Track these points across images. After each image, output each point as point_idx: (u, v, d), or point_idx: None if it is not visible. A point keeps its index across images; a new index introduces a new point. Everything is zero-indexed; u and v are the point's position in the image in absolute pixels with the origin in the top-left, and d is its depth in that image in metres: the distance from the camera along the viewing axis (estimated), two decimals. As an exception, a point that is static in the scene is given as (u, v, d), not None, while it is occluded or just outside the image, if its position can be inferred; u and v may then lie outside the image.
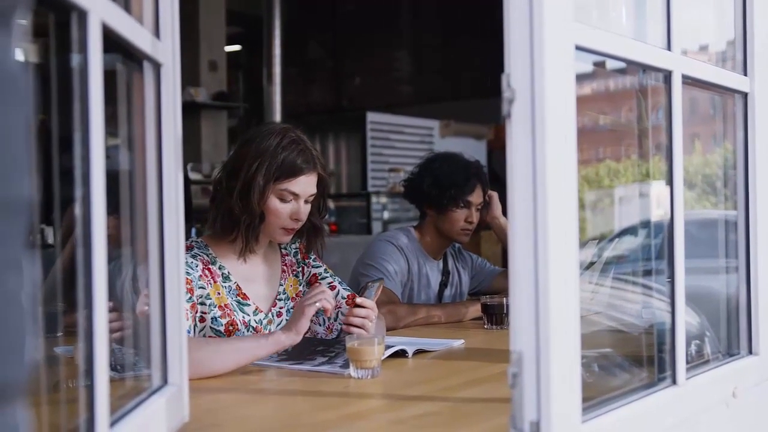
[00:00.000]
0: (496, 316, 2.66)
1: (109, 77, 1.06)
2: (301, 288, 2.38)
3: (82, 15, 0.99)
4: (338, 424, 1.53)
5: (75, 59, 1.00)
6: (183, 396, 1.41)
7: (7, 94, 0.53)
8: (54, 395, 1.19)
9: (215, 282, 2.19)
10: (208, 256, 2.22)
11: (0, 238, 0.53)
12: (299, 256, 2.41)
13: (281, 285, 2.34)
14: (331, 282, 2.38)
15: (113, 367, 1.23)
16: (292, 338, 1.97)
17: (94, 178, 1.00)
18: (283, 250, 2.39)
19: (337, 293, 2.34)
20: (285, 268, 2.37)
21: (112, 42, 1.10)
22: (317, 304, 2.00)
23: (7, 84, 0.53)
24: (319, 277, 2.39)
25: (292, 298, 2.35)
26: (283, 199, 2.19)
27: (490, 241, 6.93)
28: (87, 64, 0.99)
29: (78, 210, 1.01)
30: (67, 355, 1.48)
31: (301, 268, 2.40)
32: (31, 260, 0.57)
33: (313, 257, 2.42)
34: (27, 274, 0.56)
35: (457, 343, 2.36)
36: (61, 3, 0.94)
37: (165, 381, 1.37)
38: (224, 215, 2.20)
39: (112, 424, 1.08)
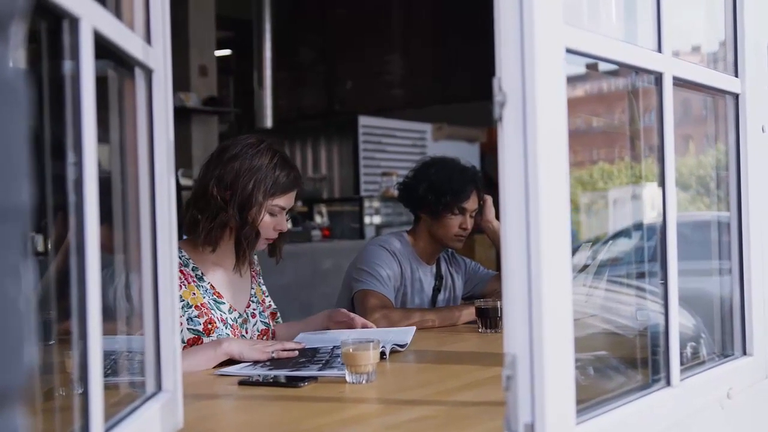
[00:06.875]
0: (491, 319, 2.65)
1: (100, 83, 1.06)
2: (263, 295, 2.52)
3: (74, 22, 0.98)
4: (335, 429, 1.53)
5: (66, 65, 1.00)
6: (177, 402, 1.41)
7: (5, 101, 0.53)
8: (46, 403, 1.19)
9: (189, 283, 2.26)
10: (180, 258, 2.25)
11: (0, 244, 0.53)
12: (258, 268, 2.54)
13: (252, 289, 2.46)
14: (254, 308, 2.47)
15: (105, 373, 1.23)
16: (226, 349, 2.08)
17: (86, 184, 1.00)
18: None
19: (255, 323, 2.43)
20: (254, 274, 2.49)
21: (103, 48, 1.09)
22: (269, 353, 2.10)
23: (5, 91, 0.53)
24: (264, 296, 2.52)
25: (261, 302, 2.47)
26: (272, 214, 2.31)
27: (484, 245, 6.93)
28: (79, 70, 0.99)
29: (71, 217, 1.01)
30: None
31: (261, 279, 2.53)
32: (28, 267, 0.58)
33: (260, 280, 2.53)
34: (25, 280, 0.56)
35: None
36: (53, 9, 0.94)
37: (159, 387, 1.36)
38: (218, 227, 2.27)
39: (107, 431, 1.07)
